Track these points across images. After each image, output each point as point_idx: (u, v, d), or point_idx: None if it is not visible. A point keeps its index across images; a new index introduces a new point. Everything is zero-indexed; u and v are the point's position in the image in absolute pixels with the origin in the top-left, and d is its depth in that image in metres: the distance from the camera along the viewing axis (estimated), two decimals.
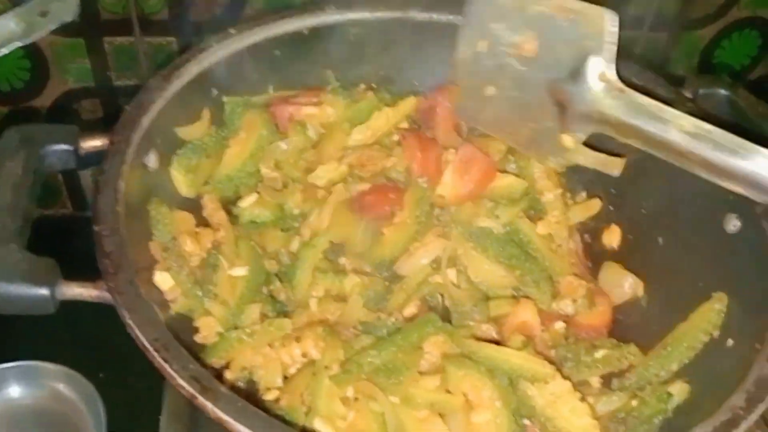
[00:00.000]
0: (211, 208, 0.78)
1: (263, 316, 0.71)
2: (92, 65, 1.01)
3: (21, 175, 0.63)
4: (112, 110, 1.06)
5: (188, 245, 0.70)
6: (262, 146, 0.83)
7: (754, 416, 0.56)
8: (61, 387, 0.87)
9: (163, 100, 0.75)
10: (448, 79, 0.82)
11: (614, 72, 0.65)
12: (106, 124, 0.72)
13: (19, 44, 0.78)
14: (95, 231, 0.60)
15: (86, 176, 1.09)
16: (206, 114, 0.82)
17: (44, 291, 0.56)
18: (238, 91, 0.85)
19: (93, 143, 0.69)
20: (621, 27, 0.62)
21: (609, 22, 0.64)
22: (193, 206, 0.79)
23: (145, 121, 0.72)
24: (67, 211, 1.15)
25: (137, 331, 0.55)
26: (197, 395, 0.52)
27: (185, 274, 0.68)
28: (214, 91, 0.83)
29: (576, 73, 0.66)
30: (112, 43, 0.99)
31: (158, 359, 0.54)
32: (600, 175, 0.76)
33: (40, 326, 0.88)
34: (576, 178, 0.86)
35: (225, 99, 0.84)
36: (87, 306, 0.91)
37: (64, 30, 0.92)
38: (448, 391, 0.66)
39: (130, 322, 0.56)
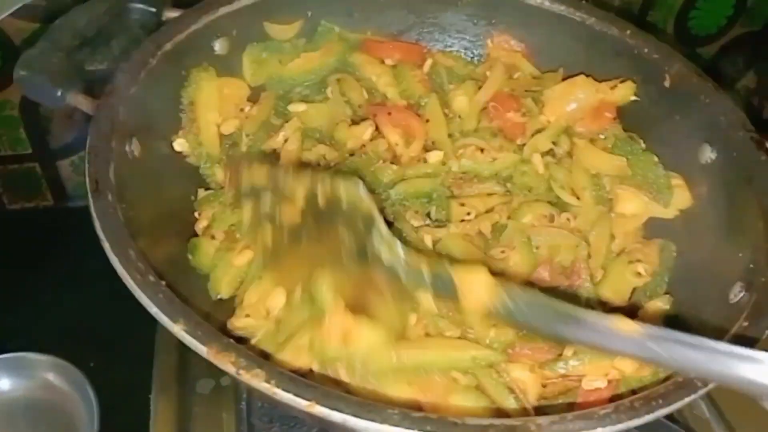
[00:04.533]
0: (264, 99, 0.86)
1: None
2: None
3: (99, 14, 0.78)
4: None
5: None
6: (327, 69, 0.90)
7: None
8: (51, 377, 0.87)
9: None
10: None
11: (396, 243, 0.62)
12: None
13: None
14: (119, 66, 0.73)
15: (65, 167, 1.13)
16: (298, 24, 0.90)
17: (58, 92, 0.70)
18: (334, 20, 0.92)
19: (174, 14, 0.83)
20: None
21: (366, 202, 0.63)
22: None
23: (224, 10, 0.84)
24: (48, 203, 1.18)
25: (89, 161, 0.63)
26: None
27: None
28: (309, 13, 0.91)
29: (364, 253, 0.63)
30: None
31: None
32: None
33: (27, 317, 0.96)
34: None
35: (323, 22, 0.92)
36: (76, 295, 1.00)
37: (32, 17, 0.95)
38: None
39: (89, 141, 0.65)
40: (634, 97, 0.86)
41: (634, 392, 0.60)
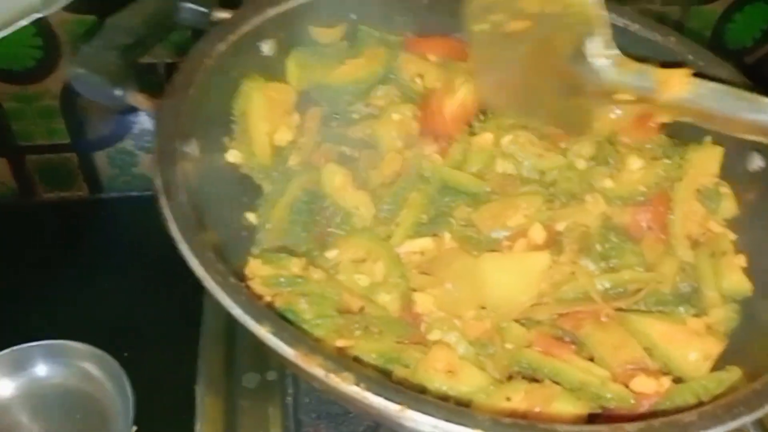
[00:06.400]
0: (311, 116, 0.85)
1: None
2: None
3: (152, 12, 0.77)
4: None
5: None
6: (374, 78, 0.89)
7: None
8: (88, 366, 0.88)
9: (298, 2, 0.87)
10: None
11: (614, 48, 0.71)
12: None
13: (38, 15, 0.76)
14: (176, 66, 0.73)
15: (101, 158, 1.13)
16: (341, 28, 0.90)
17: (118, 92, 0.70)
18: (375, 25, 0.92)
19: (225, 15, 0.83)
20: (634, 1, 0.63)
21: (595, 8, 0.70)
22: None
23: (271, 12, 0.84)
24: (83, 193, 1.18)
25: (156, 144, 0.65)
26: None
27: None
28: (353, 16, 0.91)
29: (578, 55, 0.69)
30: None
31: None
32: None
33: (66, 305, 0.97)
34: None
35: (362, 27, 0.91)
36: (110, 284, 1.00)
37: (76, 8, 0.94)
38: None
39: (156, 142, 0.65)
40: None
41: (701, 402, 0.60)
